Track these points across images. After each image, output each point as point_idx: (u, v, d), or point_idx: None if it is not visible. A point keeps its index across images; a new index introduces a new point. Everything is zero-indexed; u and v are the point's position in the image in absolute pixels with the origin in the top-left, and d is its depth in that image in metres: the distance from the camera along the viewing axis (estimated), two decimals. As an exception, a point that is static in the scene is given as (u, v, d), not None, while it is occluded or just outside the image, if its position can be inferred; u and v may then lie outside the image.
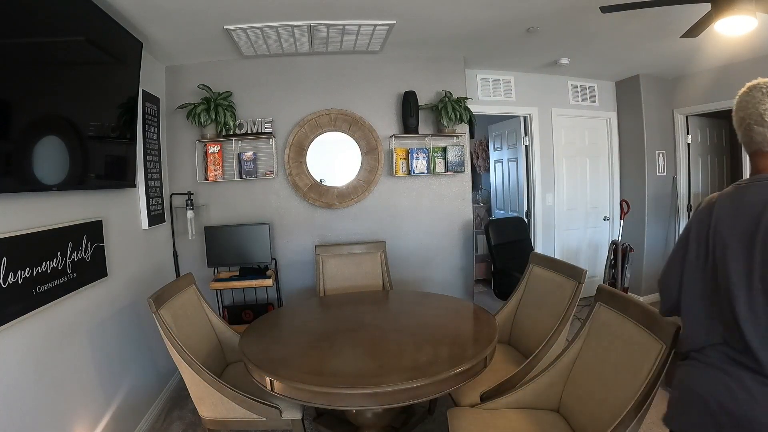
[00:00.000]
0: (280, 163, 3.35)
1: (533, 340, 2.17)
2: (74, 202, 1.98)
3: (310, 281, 3.40)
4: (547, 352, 1.98)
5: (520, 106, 4.19)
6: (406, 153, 3.44)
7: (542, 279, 2.38)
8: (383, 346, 1.93)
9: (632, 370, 1.38)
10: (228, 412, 1.89)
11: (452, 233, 3.63)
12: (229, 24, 2.57)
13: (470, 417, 1.70)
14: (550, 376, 1.74)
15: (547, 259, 2.45)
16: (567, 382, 1.71)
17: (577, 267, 2.14)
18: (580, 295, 2.06)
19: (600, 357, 1.58)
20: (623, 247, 3.84)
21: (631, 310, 1.51)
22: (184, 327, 2.05)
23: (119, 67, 2.31)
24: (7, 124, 1.48)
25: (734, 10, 1.83)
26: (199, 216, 3.27)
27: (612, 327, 1.58)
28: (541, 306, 2.29)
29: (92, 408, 2.01)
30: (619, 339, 1.52)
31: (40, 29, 1.64)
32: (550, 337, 2.00)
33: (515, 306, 2.49)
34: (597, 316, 1.68)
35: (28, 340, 1.63)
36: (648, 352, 1.35)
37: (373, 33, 2.86)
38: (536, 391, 1.76)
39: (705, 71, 4.03)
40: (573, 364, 1.71)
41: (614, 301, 1.62)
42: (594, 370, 1.59)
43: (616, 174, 4.61)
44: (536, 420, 1.68)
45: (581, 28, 2.88)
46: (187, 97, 3.17)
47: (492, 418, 1.69)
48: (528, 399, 1.76)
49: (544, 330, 2.09)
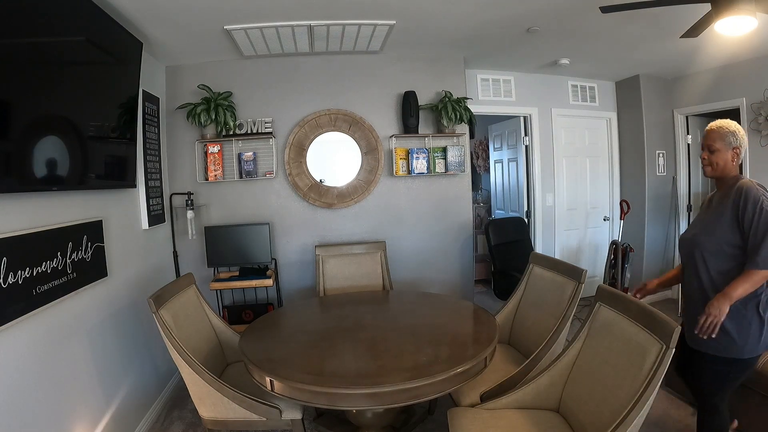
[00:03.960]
0: (280, 163, 3.35)
1: (533, 340, 2.17)
2: (74, 202, 1.98)
3: (310, 281, 3.40)
4: (548, 352, 1.98)
5: (520, 106, 4.19)
6: (406, 153, 3.44)
7: (542, 279, 2.38)
8: (383, 346, 1.93)
9: (632, 370, 1.38)
10: (228, 412, 1.88)
11: (452, 233, 3.63)
12: (229, 24, 2.57)
13: (470, 417, 1.70)
14: (550, 376, 1.74)
15: (547, 259, 2.45)
16: (567, 382, 1.72)
17: (577, 267, 2.14)
18: (581, 295, 2.06)
19: (600, 357, 1.58)
20: (623, 247, 3.84)
21: (632, 311, 1.51)
22: (184, 327, 2.05)
23: (119, 67, 2.31)
24: (7, 124, 1.48)
25: (734, 11, 1.83)
26: (199, 216, 3.27)
27: (612, 327, 1.59)
28: (541, 306, 2.29)
29: (92, 408, 2.01)
30: (619, 339, 1.52)
31: (40, 29, 1.64)
32: (550, 336, 2.01)
33: (515, 306, 2.49)
34: (597, 316, 1.69)
35: (28, 340, 1.63)
36: (648, 352, 1.35)
37: (373, 33, 2.86)
38: (536, 391, 1.76)
39: (705, 71, 4.03)
40: (573, 364, 1.71)
41: (614, 302, 1.62)
42: (594, 370, 1.59)
43: (616, 174, 4.61)
44: (536, 420, 1.68)
45: (581, 28, 2.88)
46: (187, 97, 3.17)
47: (492, 418, 1.69)
48: (528, 399, 1.76)
49: (544, 330, 2.09)
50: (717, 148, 1.66)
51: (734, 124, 1.67)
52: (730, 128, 1.66)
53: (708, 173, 1.73)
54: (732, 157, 1.66)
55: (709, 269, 1.66)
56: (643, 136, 4.27)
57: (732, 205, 1.60)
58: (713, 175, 1.72)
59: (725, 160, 1.66)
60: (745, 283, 1.51)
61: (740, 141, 1.65)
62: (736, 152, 1.65)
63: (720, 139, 1.66)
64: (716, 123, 1.71)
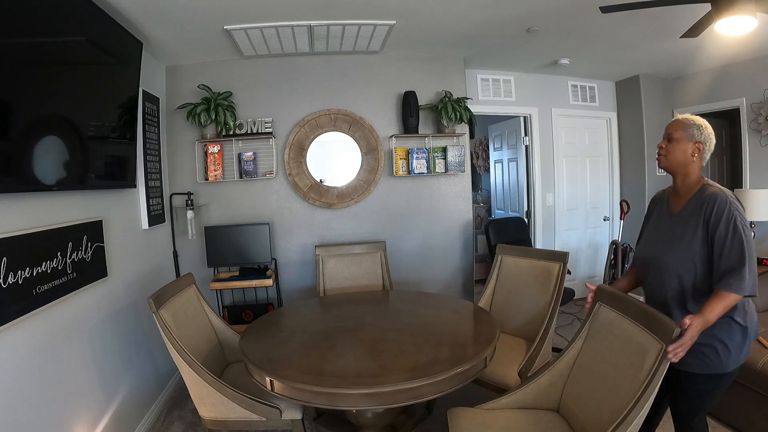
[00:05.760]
0: (280, 163, 3.35)
1: (522, 321, 2.46)
2: (74, 202, 1.98)
3: (310, 281, 3.40)
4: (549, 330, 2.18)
5: (520, 106, 4.19)
6: (406, 153, 3.44)
7: (518, 266, 2.62)
8: (383, 346, 1.92)
9: (632, 370, 1.38)
10: (228, 412, 1.88)
11: (452, 233, 3.63)
12: (229, 24, 2.57)
13: (470, 417, 1.70)
14: (550, 376, 1.74)
15: (515, 248, 2.71)
16: (567, 382, 1.72)
17: (558, 251, 2.47)
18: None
19: (600, 357, 1.58)
20: (623, 247, 3.85)
21: (631, 311, 1.51)
22: (184, 327, 2.05)
23: (119, 67, 2.31)
24: (7, 124, 1.48)
25: (734, 11, 1.83)
26: (199, 216, 3.27)
27: (612, 327, 1.58)
28: (523, 290, 2.51)
29: (92, 408, 2.01)
30: (619, 339, 1.52)
31: (40, 29, 1.64)
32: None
33: (491, 293, 2.69)
34: (597, 316, 1.68)
35: (28, 340, 1.63)
36: (648, 352, 1.35)
37: (373, 33, 2.86)
38: (536, 391, 1.76)
39: (705, 71, 4.03)
40: (573, 364, 1.71)
41: (615, 301, 1.62)
42: (594, 370, 1.59)
43: (616, 174, 4.61)
44: (536, 420, 1.68)
45: (581, 28, 2.88)
46: (187, 97, 3.17)
47: (492, 418, 1.69)
48: (528, 399, 1.76)
49: (536, 312, 2.35)
50: (676, 138, 1.55)
51: (703, 120, 1.56)
52: (696, 122, 1.55)
53: (661, 163, 1.63)
54: (693, 152, 1.54)
55: (681, 284, 1.52)
56: (643, 136, 4.27)
57: (702, 221, 1.48)
58: (665, 165, 1.62)
59: (683, 152, 1.55)
60: (720, 304, 1.36)
61: (705, 137, 1.53)
62: (697, 147, 1.54)
63: (682, 129, 1.55)
64: (683, 115, 1.60)
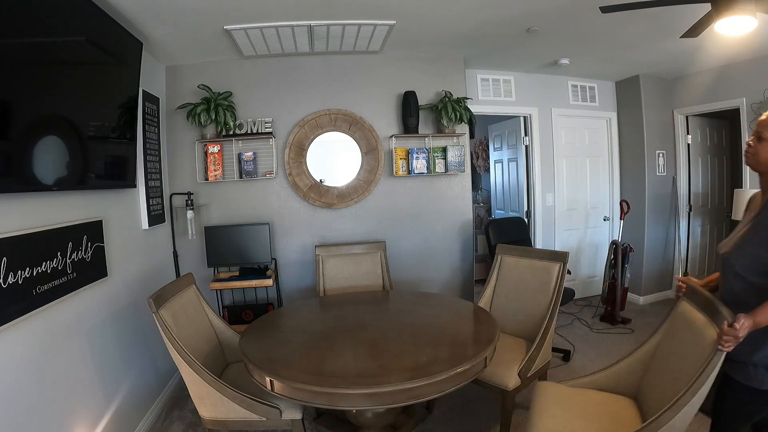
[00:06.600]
0: (280, 163, 3.35)
1: (522, 320, 2.52)
2: (74, 202, 1.98)
3: (310, 281, 3.40)
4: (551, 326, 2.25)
5: (520, 106, 4.19)
6: (406, 153, 3.44)
7: (518, 266, 2.64)
8: (383, 346, 1.93)
9: (699, 363, 1.35)
10: (228, 412, 1.88)
11: (452, 233, 3.63)
12: (229, 24, 2.57)
13: (552, 389, 1.89)
14: (628, 363, 1.86)
15: (514, 248, 2.75)
16: (646, 371, 1.78)
17: (557, 251, 2.51)
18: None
19: (675, 350, 1.62)
20: (623, 247, 3.85)
21: (703, 305, 1.52)
22: (184, 327, 2.05)
23: (119, 67, 2.31)
24: (7, 124, 1.48)
25: (734, 11, 1.83)
26: (199, 216, 3.27)
27: (689, 322, 1.58)
28: (524, 290, 2.55)
29: (92, 408, 2.01)
30: (694, 334, 1.51)
31: (40, 29, 1.64)
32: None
33: (491, 294, 2.72)
34: (678, 309, 1.71)
35: (28, 340, 1.63)
36: (710, 345, 1.35)
37: (373, 33, 2.86)
38: (616, 375, 1.88)
39: (705, 71, 4.03)
40: (653, 355, 1.76)
41: (694, 297, 1.61)
42: (669, 363, 1.63)
43: (616, 174, 4.61)
44: (610, 401, 1.79)
45: (581, 28, 2.88)
46: (187, 97, 3.17)
47: (571, 394, 1.86)
48: (609, 382, 1.89)
49: (535, 311, 2.40)
50: (766, 137, 1.44)
51: None
52: None
53: (748, 161, 1.53)
54: None
55: (745, 284, 1.45)
56: (643, 136, 4.27)
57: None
58: (752, 164, 1.52)
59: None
60: None
61: None
62: None
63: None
64: None
